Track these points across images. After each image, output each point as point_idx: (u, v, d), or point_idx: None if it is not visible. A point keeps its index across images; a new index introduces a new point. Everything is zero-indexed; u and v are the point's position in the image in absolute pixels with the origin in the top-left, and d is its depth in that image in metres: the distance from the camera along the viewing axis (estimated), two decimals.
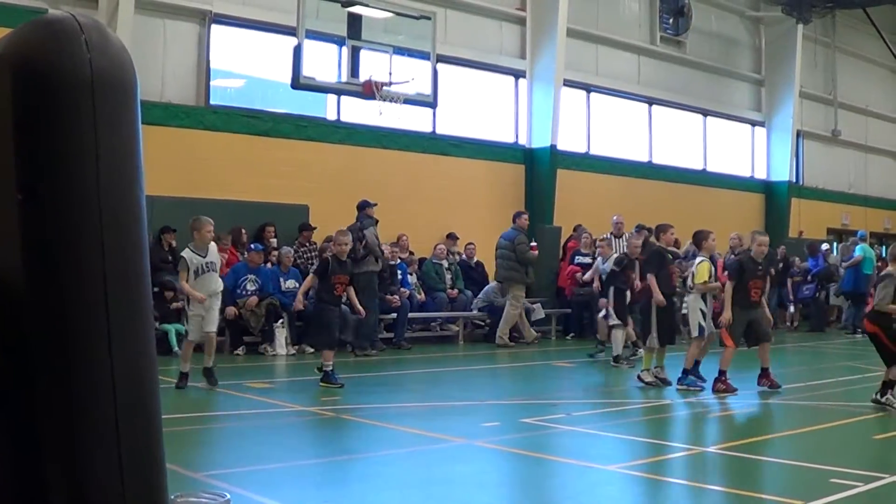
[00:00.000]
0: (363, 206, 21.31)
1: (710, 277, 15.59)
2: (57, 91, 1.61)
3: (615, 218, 23.56)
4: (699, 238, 16.33)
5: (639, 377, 15.84)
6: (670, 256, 16.78)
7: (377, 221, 21.19)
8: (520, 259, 23.10)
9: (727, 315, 14.99)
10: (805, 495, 8.38)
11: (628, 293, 18.78)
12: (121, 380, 1.63)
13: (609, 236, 23.12)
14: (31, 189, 1.60)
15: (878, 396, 13.42)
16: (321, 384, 14.80)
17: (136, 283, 1.68)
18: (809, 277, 30.10)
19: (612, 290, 19.08)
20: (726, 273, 16.01)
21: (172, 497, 1.81)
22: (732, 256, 20.91)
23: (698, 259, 16.07)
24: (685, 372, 15.55)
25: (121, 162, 1.67)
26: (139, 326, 1.70)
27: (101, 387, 1.63)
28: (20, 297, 1.62)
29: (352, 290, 15.61)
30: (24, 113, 1.61)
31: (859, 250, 29.26)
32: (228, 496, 1.93)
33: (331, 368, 15.01)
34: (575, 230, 26.18)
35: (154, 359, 1.76)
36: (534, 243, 23.21)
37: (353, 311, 16.23)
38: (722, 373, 15.04)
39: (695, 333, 15.72)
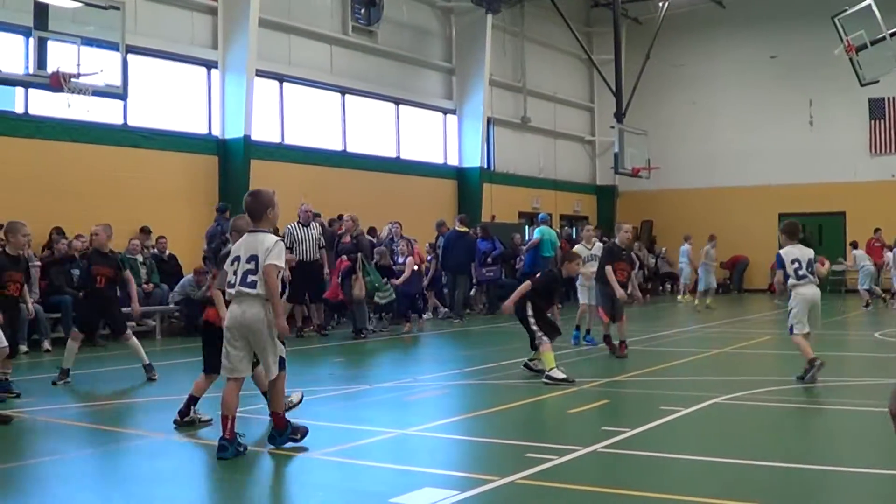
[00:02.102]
0: (224, 209, 23.74)
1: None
2: None
3: (303, 206, 23.49)
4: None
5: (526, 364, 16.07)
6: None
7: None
8: None
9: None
10: (502, 471, 8.54)
11: None
12: None
13: (294, 225, 23.20)
14: None
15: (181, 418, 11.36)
16: None
17: None
18: (490, 260, 30.41)
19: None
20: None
21: None
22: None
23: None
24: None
25: None
26: None
27: None
28: None
29: (25, 288, 14.56)
30: None
31: (538, 233, 29.97)
32: None
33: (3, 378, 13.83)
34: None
35: None
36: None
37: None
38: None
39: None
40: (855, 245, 35.93)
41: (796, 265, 14.47)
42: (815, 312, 14.55)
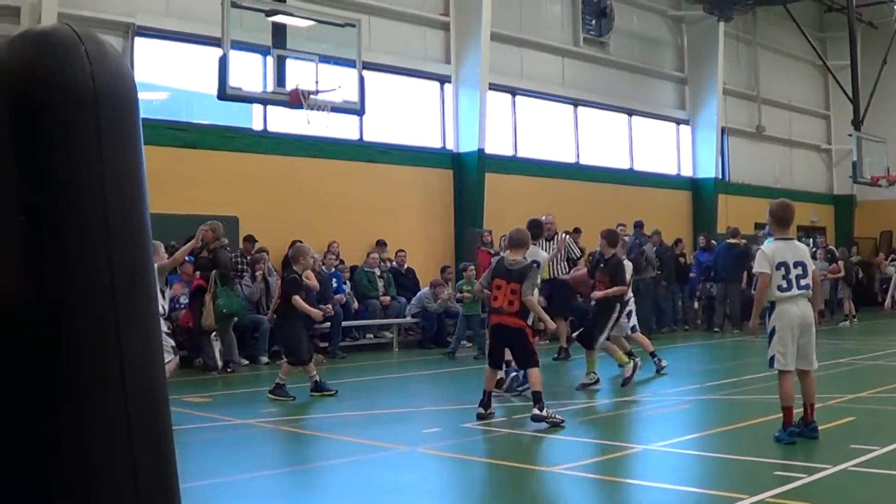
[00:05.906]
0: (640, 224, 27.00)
1: None
2: (59, 107, 1.55)
3: (544, 218, 23.05)
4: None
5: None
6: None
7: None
8: None
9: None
10: (750, 489, 8.39)
11: None
12: (133, 396, 1.59)
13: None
14: (34, 210, 1.54)
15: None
16: (270, 396, 14.54)
17: (145, 298, 1.63)
18: (713, 274, 29.04)
19: None
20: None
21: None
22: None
23: None
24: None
25: (125, 176, 1.61)
26: (149, 341, 1.65)
27: (112, 402, 1.58)
28: (23, 319, 1.57)
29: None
30: (25, 131, 1.54)
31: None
32: None
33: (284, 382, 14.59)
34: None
35: (164, 375, 1.72)
36: None
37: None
38: None
39: None
40: None
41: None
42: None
